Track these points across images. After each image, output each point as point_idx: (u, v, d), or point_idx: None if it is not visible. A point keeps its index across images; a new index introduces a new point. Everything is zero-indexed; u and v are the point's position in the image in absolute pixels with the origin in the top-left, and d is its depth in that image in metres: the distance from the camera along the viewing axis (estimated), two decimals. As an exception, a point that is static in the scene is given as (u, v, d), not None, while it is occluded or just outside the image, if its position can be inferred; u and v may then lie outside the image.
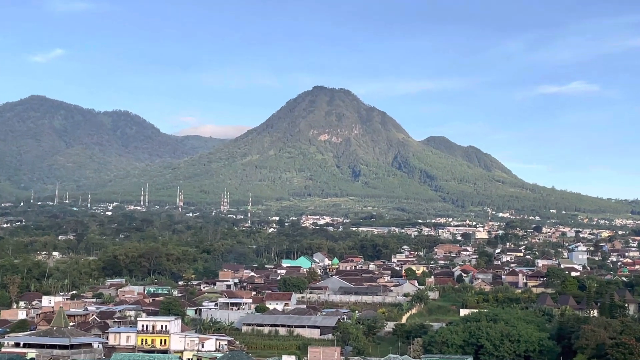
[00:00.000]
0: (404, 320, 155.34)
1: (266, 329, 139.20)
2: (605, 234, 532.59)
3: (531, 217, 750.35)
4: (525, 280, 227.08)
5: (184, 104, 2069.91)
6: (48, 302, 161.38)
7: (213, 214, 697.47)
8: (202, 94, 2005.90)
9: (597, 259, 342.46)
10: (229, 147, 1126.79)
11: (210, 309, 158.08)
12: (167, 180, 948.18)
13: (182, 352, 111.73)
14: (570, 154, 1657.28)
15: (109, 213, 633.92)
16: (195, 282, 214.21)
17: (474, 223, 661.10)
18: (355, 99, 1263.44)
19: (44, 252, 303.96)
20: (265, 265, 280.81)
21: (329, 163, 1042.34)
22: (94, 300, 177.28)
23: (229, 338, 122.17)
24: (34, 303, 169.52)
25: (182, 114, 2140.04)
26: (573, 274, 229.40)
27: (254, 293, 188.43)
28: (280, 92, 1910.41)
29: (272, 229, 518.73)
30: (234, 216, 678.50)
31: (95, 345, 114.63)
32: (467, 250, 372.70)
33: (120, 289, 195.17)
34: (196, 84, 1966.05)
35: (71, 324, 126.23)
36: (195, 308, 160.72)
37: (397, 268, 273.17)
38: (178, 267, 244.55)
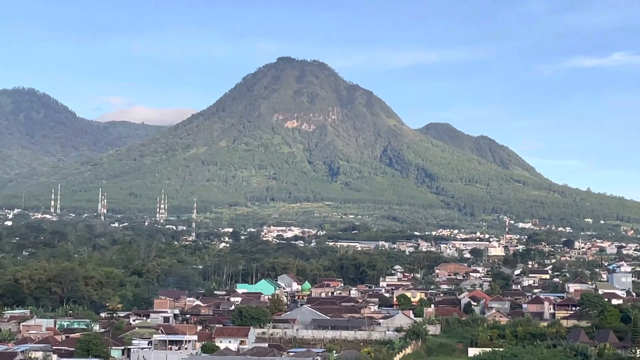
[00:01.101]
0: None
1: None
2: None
3: (560, 229, 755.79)
4: (552, 311, 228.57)
5: (107, 80, 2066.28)
6: None
7: (146, 224, 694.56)
8: (132, 67, 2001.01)
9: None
10: (167, 136, 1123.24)
11: (142, 348, 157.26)
12: (86, 180, 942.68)
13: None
14: (612, 146, 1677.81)
15: (9, 223, 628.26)
16: (122, 314, 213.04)
17: (487, 236, 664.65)
18: (333, 75, 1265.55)
19: None
20: (215, 292, 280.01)
21: (298, 158, 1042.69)
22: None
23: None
24: None
25: (105, 93, 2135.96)
26: (614, 301, 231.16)
27: (199, 328, 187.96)
28: (234, 65, 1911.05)
29: (223, 244, 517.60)
30: (174, 227, 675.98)
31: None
32: (478, 272, 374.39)
33: (24, 323, 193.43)
34: (124, 55, 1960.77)
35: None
36: (122, 347, 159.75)
37: (387, 295, 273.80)
38: (100, 293, 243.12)
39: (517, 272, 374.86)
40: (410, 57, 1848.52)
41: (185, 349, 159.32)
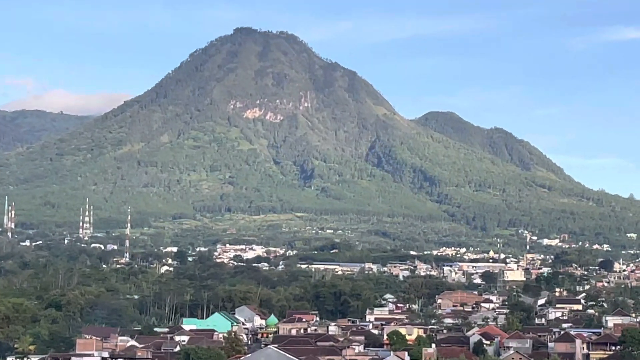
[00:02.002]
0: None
1: None
2: None
3: (596, 246, 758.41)
4: (586, 351, 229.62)
5: (14, 57, 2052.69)
6: None
7: (66, 242, 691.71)
8: (48, 39, 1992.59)
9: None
10: (94, 129, 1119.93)
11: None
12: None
13: None
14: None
15: None
16: (35, 358, 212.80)
17: (503, 256, 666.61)
18: (306, 50, 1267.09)
19: None
20: (155, 329, 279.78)
21: (261, 157, 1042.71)
22: None
23: None
24: None
25: (12, 73, 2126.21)
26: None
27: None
28: (179, 39, 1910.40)
29: (166, 268, 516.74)
30: (102, 246, 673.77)
31: None
32: (491, 302, 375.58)
33: None
34: (36, 23, 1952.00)
35: None
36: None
37: (376, 331, 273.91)
38: (6, 332, 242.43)
39: (541, 301, 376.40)
40: (403, 28, 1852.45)
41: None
